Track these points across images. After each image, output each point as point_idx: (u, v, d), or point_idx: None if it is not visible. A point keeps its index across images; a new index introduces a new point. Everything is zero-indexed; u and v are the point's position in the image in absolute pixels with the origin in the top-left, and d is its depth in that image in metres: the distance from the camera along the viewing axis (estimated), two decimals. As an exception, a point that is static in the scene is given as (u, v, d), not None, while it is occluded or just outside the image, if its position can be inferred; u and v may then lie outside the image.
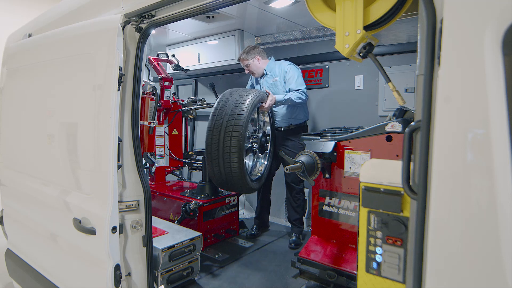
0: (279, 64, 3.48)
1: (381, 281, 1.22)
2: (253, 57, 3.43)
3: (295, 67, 3.43)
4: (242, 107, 2.82)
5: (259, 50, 3.48)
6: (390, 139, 2.03)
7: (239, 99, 2.90)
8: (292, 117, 3.45)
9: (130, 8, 1.85)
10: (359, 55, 1.47)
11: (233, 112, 2.81)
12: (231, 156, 2.77)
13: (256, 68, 3.47)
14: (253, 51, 3.44)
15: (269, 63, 3.51)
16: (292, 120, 3.45)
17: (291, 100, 3.24)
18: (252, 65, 3.44)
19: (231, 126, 2.76)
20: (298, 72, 3.39)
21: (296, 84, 3.33)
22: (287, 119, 3.46)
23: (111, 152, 1.73)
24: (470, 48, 0.85)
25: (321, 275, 2.17)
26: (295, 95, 3.26)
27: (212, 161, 2.87)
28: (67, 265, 2.16)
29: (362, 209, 1.26)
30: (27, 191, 2.47)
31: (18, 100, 2.59)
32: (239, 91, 3.01)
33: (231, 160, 2.78)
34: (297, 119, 3.47)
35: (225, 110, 2.85)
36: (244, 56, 3.45)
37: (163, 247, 2.36)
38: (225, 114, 2.82)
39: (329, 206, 2.32)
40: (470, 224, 0.85)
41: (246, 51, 3.45)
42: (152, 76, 4.63)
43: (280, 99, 3.23)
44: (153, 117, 3.21)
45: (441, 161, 0.89)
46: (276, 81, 3.42)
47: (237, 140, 2.74)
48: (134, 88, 1.89)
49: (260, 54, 3.47)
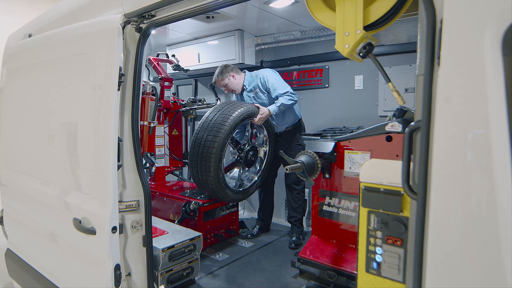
0: (256, 75, 3.45)
1: (381, 281, 1.22)
2: (227, 76, 3.41)
3: (271, 72, 3.41)
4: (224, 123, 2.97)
5: (232, 67, 3.45)
6: (390, 139, 2.03)
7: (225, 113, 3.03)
8: (285, 120, 3.45)
9: (130, 8, 1.85)
10: (359, 55, 1.47)
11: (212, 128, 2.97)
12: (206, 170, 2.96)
13: (234, 85, 3.45)
14: (226, 70, 3.42)
15: (246, 77, 3.49)
16: (287, 123, 3.47)
17: (284, 104, 3.22)
18: (229, 83, 3.43)
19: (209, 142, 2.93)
20: (276, 76, 3.36)
21: (280, 88, 3.28)
22: (282, 124, 3.46)
23: (111, 152, 1.73)
24: (470, 48, 0.85)
25: (321, 275, 2.17)
26: (284, 98, 3.23)
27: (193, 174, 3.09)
28: (67, 265, 2.16)
29: (362, 209, 1.26)
30: (27, 191, 2.46)
31: (18, 100, 2.59)
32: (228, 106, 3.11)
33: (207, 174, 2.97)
34: (290, 120, 3.47)
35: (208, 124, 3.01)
36: (218, 77, 3.43)
37: (163, 247, 2.35)
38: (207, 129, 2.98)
39: (329, 206, 2.32)
40: (470, 224, 0.85)
41: (218, 73, 3.44)
42: (152, 76, 4.64)
43: (274, 108, 3.21)
44: (153, 117, 3.21)
45: (441, 161, 0.89)
46: (257, 93, 3.41)
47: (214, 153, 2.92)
48: (134, 88, 1.89)
49: (233, 71, 3.44)
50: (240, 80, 3.46)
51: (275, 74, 3.40)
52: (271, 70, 3.47)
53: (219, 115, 3.02)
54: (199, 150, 2.97)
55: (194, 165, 3.03)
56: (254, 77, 3.45)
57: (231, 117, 2.99)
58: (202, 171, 2.98)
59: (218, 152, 2.92)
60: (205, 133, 2.97)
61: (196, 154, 2.99)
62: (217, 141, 2.91)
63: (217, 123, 2.97)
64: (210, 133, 2.95)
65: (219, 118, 2.99)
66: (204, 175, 2.98)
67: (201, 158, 2.95)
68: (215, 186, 3.01)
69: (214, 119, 3.01)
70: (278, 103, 3.22)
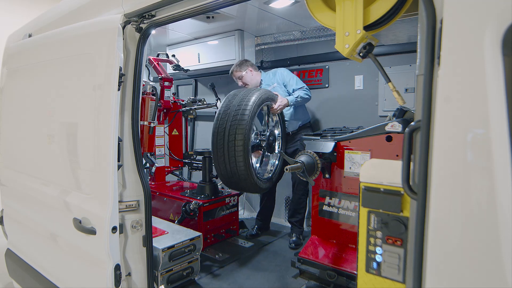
0: (272, 72, 3.58)
1: (381, 281, 1.22)
2: (246, 69, 3.49)
3: (284, 69, 3.56)
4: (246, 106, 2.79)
5: (251, 63, 3.56)
6: (390, 139, 2.03)
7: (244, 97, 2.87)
8: (298, 118, 3.51)
9: (130, 8, 1.85)
10: (359, 55, 1.47)
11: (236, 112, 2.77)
12: (236, 156, 2.71)
13: (250, 79, 3.50)
14: (245, 64, 3.52)
15: (262, 74, 3.62)
16: (300, 122, 3.52)
17: (301, 97, 3.32)
18: (246, 76, 3.49)
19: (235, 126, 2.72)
20: (290, 74, 3.51)
21: (297, 83, 3.42)
22: (296, 121, 3.51)
23: (111, 152, 1.73)
24: (470, 48, 0.85)
25: (321, 275, 2.17)
26: (302, 92, 3.35)
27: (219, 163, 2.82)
28: (67, 265, 2.16)
29: (362, 209, 1.26)
30: (27, 191, 2.47)
31: (18, 100, 2.59)
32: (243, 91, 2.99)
33: (237, 160, 2.72)
34: (303, 119, 3.54)
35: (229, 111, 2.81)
36: (236, 68, 3.51)
37: (163, 247, 2.35)
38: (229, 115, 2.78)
39: (329, 206, 2.32)
40: (470, 224, 0.85)
41: (237, 64, 3.53)
42: (152, 76, 4.64)
43: (292, 99, 3.29)
44: (153, 117, 3.21)
45: (441, 161, 0.89)
46: (275, 87, 3.46)
47: (242, 140, 2.69)
48: (134, 88, 1.89)
49: (252, 67, 3.54)
50: (256, 77, 3.54)
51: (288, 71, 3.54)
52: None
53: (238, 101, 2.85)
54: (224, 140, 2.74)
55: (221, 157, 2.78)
56: (271, 73, 3.57)
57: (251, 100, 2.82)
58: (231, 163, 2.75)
59: (246, 138, 2.70)
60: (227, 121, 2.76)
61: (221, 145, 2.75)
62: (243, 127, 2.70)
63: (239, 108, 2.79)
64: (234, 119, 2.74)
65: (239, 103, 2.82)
66: (234, 166, 2.74)
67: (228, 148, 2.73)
68: (246, 177, 2.77)
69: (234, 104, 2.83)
70: (295, 94, 3.33)
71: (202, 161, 3.64)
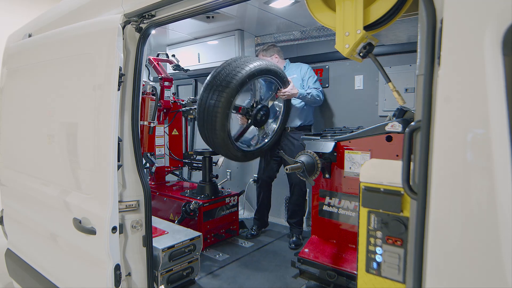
0: (297, 65, 3.55)
1: (381, 281, 1.22)
2: (271, 55, 3.48)
3: (312, 69, 3.53)
4: (242, 69, 2.75)
5: (278, 49, 3.54)
6: (390, 139, 2.03)
7: (246, 61, 2.83)
8: (303, 117, 3.47)
9: (130, 8, 1.85)
10: (359, 55, 1.47)
11: (228, 74, 2.73)
12: (215, 117, 2.72)
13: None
14: (272, 49, 3.49)
15: (286, 63, 3.58)
16: (303, 120, 3.48)
17: (312, 95, 3.29)
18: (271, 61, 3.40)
19: (222, 87, 2.70)
20: (314, 74, 3.49)
21: (315, 83, 3.42)
22: (299, 118, 3.46)
23: (111, 152, 1.73)
24: (470, 48, 0.85)
25: (321, 275, 2.17)
26: (315, 91, 3.32)
27: (199, 123, 2.85)
28: (67, 265, 2.16)
29: (362, 209, 1.26)
30: (27, 191, 2.46)
31: (18, 100, 2.59)
32: (251, 57, 2.95)
33: (215, 121, 2.73)
34: (306, 120, 3.50)
35: (224, 71, 2.78)
36: (263, 52, 3.49)
37: (163, 247, 2.35)
38: (222, 75, 2.76)
39: (329, 206, 2.32)
40: (470, 224, 0.85)
41: (265, 48, 3.50)
42: (152, 76, 4.63)
43: (302, 92, 3.26)
44: (153, 117, 3.21)
45: (441, 161, 0.89)
46: (294, 78, 3.41)
47: (219, 115, 2.69)
48: (134, 88, 1.89)
49: (278, 53, 3.52)
50: (281, 64, 3.51)
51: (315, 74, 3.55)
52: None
53: (237, 63, 2.80)
54: (204, 113, 2.78)
55: (201, 126, 2.85)
56: (295, 65, 3.55)
57: (252, 65, 2.77)
58: (209, 123, 2.79)
59: (223, 115, 2.71)
60: (209, 93, 2.76)
61: (202, 118, 2.81)
62: (222, 101, 2.70)
63: (234, 69, 2.74)
64: (214, 93, 2.73)
65: (237, 65, 2.77)
66: (212, 129, 2.78)
67: (207, 120, 2.77)
68: (221, 142, 2.83)
69: (234, 65, 2.79)
70: (308, 90, 3.31)
71: (202, 161, 3.64)
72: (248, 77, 2.77)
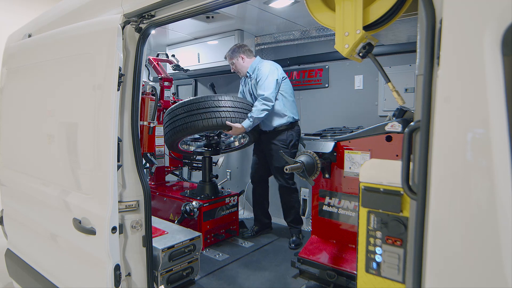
0: (258, 67, 3.31)
1: (381, 281, 1.22)
2: (237, 56, 3.36)
3: (269, 66, 3.25)
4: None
5: (245, 49, 3.38)
6: (390, 139, 2.03)
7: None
8: (270, 120, 3.25)
9: (130, 8, 1.85)
10: (358, 55, 1.47)
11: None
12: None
13: (240, 67, 3.39)
14: (238, 50, 3.36)
15: (252, 64, 3.36)
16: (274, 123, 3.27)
17: (255, 118, 3.04)
18: (237, 64, 3.39)
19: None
20: (267, 73, 3.18)
21: (262, 88, 3.13)
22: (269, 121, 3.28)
23: (111, 152, 1.73)
24: (469, 48, 0.85)
25: (321, 275, 2.17)
26: (256, 110, 3.06)
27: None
28: (67, 265, 2.16)
29: (362, 209, 1.26)
30: (27, 191, 2.47)
31: (18, 100, 2.59)
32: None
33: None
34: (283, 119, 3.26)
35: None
36: (229, 54, 3.40)
37: (163, 247, 2.35)
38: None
39: (329, 206, 2.32)
40: (470, 224, 0.85)
41: (231, 50, 3.40)
42: (152, 76, 4.63)
43: (248, 124, 3.03)
44: (153, 117, 3.21)
45: (440, 161, 0.89)
46: (254, 83, 3.32)
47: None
48: (134, 88, 1.89)
49: (245, 53, 3.36)
50: (248, 64, 3.37)
51: (270, 69, 3.22)
52: (272, 64, 3.33)
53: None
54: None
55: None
56: (257, 67, 3.32)
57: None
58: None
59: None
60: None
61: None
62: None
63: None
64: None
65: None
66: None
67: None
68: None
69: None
70: (250, 116, 3.05)
71: (202, 161, 3.64)
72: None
